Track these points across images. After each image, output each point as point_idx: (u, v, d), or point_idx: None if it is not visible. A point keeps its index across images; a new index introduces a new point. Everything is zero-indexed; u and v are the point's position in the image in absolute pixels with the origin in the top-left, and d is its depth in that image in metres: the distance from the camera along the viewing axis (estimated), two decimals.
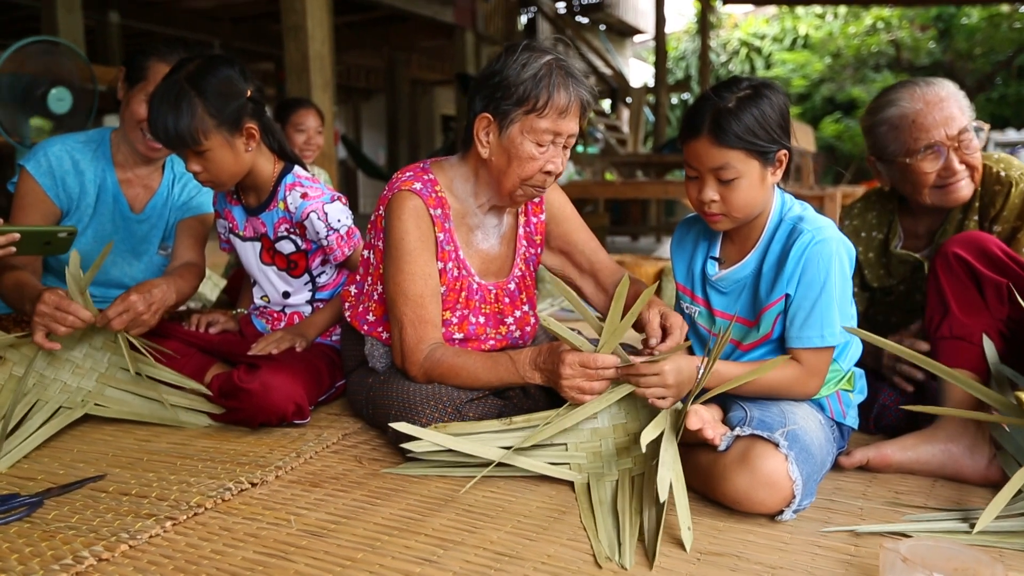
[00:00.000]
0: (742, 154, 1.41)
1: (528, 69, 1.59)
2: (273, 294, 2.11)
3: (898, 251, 1.86)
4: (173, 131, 1.77)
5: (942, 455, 1.52)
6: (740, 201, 1.44)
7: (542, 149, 1.63)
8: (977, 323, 1.55)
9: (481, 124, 1.65)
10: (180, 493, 1.45)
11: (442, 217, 1.72)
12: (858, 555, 1.22)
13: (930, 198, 1.73)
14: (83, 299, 1.74)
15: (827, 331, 1.42)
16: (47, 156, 2.04)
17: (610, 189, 6.64)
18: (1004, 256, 1.55)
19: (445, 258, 1.74)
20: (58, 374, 1.86)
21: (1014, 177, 1.72)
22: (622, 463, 1.50)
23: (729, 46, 17.92)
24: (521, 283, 1.87)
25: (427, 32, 10.89)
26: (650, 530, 1.28)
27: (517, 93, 1.59)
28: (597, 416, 1.54)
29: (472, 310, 1.78)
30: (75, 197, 2.07)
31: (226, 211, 2.11)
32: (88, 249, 2.11)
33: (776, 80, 8.48)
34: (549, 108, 1.59)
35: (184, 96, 1.76)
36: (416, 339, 1.67)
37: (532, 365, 1.55)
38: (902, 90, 1.72)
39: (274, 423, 1.80)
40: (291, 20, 4.50)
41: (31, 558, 1.19)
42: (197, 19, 9.61)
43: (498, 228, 1.84)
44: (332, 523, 1.34)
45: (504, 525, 1.33)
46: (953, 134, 1.67)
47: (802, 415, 1.42)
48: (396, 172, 1.80)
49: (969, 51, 14.39)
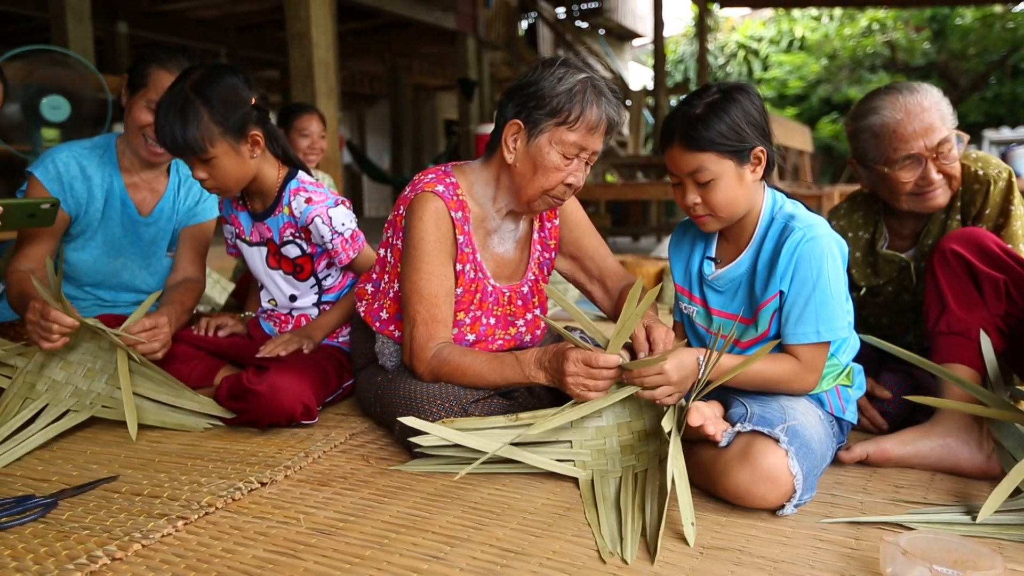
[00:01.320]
0: (714, 156, 1.44)
1: (564, 83, 1.63)
2: (280, 297, 2.14)
3: (884, 251, 1.87)
4: (180, 139, 1.80)
5: (940, 449, 1.54)
6: (721, 201, 1.47)
7: (567, 162, 1.67)
8: (975, 319, 1.57)
9: (511, 130, 1.68)
10: (191, 493, 1.47)
11: (462, 220, 1.75)
12: (859, 548, 1.23)
13: (907, 204, 1.76)
14: (62, 306, 1.76)
15: (822, 327, 1.44)
16: (54, 163, 2.07)
17: (611, 190, 6.67)
18: (1001, 252, 1.57)
19: (464, 260, 1.76)
20: (71, 379, 1.88)
21: (992, 175, 1.74)
22: (626, 460, 1.52)
23: (727, 49, 17.97)
24: (534, 287, 1.90)
25: (429, 38, 10.96)
26: (652, 525, 1.30)
27: (551, 104, 1.63)
28: (601, 415, 1.56)
29: (485, 312, 1.81)
30: (83, 202, 2.10)
31: (232, 216, 2.13)
32: (98, 254, 2.14)
33: (773, 80, 8.37)
34: (580, 123, 1.63)
35: (190, 105, 1.79)
36: (426, 337, 1.70)
37: (537, 365, 1.57)
38: (885, 98, 1.73)
39: (283, 424, 1.83)
40: (296, 28, 4.54)
41: (46, 558, 1.21)
42: (203, 28, 9.68)
43: (514, 233, 1.87)
44: (340, 521, 1.36)
45: (510, 522, 1.35)
46: (932, 145, 1.68)
47: (802, 411, 1.44)
48: (416, 174, 1.83)
49: (963, 51, 14.45)
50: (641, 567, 1.18)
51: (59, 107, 3.07)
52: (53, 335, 1.75)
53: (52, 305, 1.74)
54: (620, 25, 15.11)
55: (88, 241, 2.13)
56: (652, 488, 1.39)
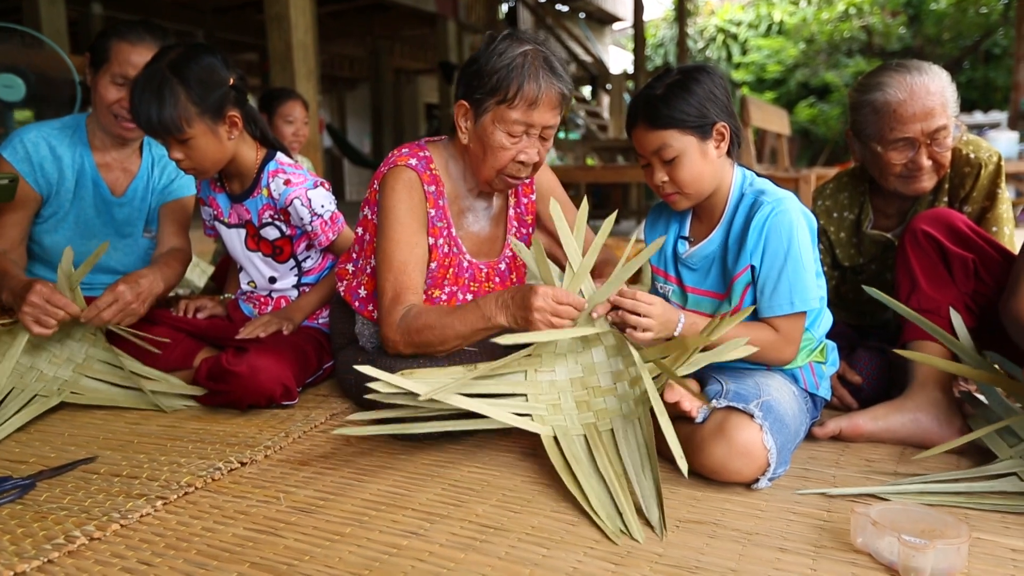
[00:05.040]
0: (676, 132, 1.47)
1: (503, 58, 1.60)
2: (259, 279, 2.13)
3: (870, 231, 1.90)
4: (156, 119, 1.78)
5: (911, 424, 1.57)
6: (687, 177, 1.49)
7: (514, 140, 1.64)
8: (945, 297, 1.60)
9: (460, 111, 1.68)
10: (170, 473, 1.47)
11: (436, 194, 1.75)
12: (831, 520, 1.26)
13: (893, 184, 1.77)
14: (72, 294, 1.76)
15: (796, 297, 1.46)
16: (23, 143, 2.04)
17: (591, 174, 6.69)
18: (970, 232, 1.60)
19: (436, 234, 1.76)
20: (35, 362, 1.88)
21: (983, 159, 1.76)
22: (585, 417, 1.50)
23: (706, 33, 17.97)
24: (512, 264, 1.90)
25: (410, 21, 10.87)
26: (646, 496, 1.29)
27: (490, 82, 1.60)
28: (555, 370, 1.55)
29: (461, 288, 1.81)
30: (54, 182, 2.07)
31: (210, 198, 2.12)
32: (70, 234, 2.11)
33: (752, 64, 8.36)
34: (519, 99, 1.60)
35: (167, 84, 1.77)
36: (394, 302, 1.67)
37: (497, 305, 1.53)
38: (894, 75, 1.70)
39: (263, 405, 1.83)
40: (274, 9, 4.48)
41: (23, 539, 1.21)
42: (180, 9, 9.52)
43: (488, 210, 1.86)
44: (320, 500, 1.36)
45: (489, 499, 1.36)
46: (929, 131, 1.68)
47: (776, 387, 1.46)
48: (392, 151, 1.82)
49: (938, 36, 14.57)
50: (616, 543, 1.20)
51: (12, 86, 3.00)
52: (52, 321, 1.73)
53: (64, 293, 1.73)
54: (600, 9, 15.05)
55: (60, 222, 2.11)
56: (629, 451, 1.39)
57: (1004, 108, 10.88)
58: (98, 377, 1.91)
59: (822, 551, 1.16)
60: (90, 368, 1.92)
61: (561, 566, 1.12)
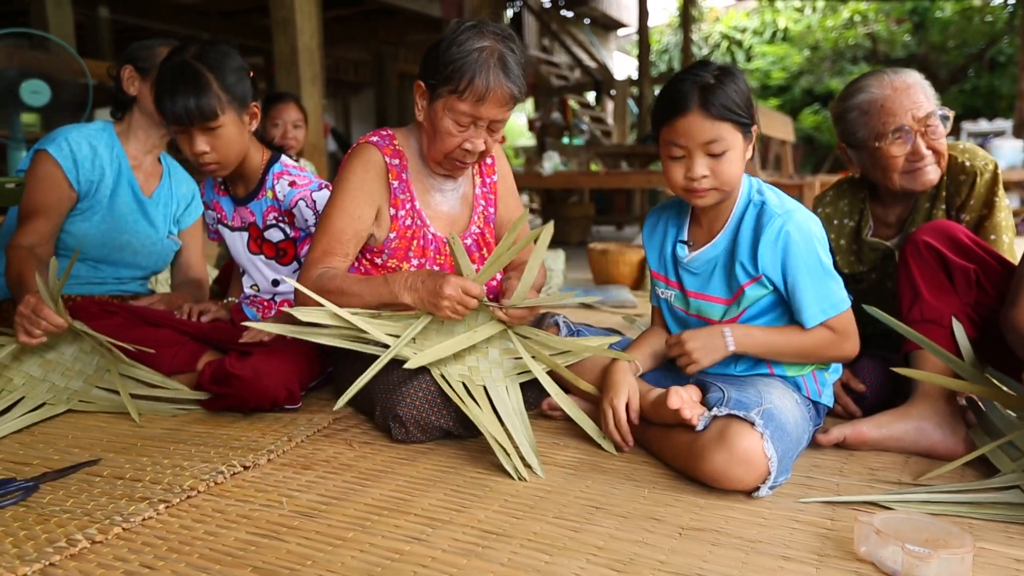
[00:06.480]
0: (730, 126, 1.45)
1: (461, 50, 1.63)
2: (262, 282, 2.14)
3: (869, 239, 1.90)
4: (195, 106, 1.81)
5: (915, 432, 1.57)
6: (729, 174, 1.48)
7: (461, 128, 1.70)
8: (947, 306, 1.60)
9: (417, 91, 1.73)
10: (173, 477, 1.47)
11: (400, 167, 1.80)
12: (834, 528, 1.26)
13: (899, 182, 1.77)
14: (55, 307, 1.74)
15: (837, 297, 1.50)
16: (68, 141, 2.06)
17: (595, 179, 6.68)
18: (971, 243, 1.60)
19: (398, 205, 1.80)
20: (48, 376, 1.88)
21: (979, 166, 1.76)
22: (459, 369, 1.67)
23: (711, 39, 17.99)
24: (480, 239, 1.93)
25: (415, 26, 10.89)
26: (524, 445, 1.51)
27: (445, 71, 1.64)
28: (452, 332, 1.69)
29: (429, 260, 1.84)
30: (95, 182, 2.11)
31: (215, 202, 2.13)
32: (106, 228, 2.15)
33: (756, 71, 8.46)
34: (468, 92, 1.64)
35: (199, 74, 1.82)
36: (318, 260, 1.75)
37: (406, 285, 1.63)
38: (871, 78, 1.77)
39: (266, 408, 1.83)
40: (280, 14, 4.50)
41: (26, 541, 1.21)
42: (186, 13, 9.55)
43: (456, 191, 1.90)
44: (323, 504, 1.36)
45: (491, 504, 1.36)
46: (920, 117, 1.70)
47: (778, 395, 1.46)
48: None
49: (943, 44, 14.57)
50: (619, 546, 1.20)
51: (39, 92, 3.02)
52: (37, 331, 1.73)
53: (48, 305, 1.73)
54: (605, 14, 15.06)
55: (94, 215, 2.13)
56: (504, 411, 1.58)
57: (1009, 116, 10.86)
58: (108, 388, 1.92)
59: (825, 560, 1.16)
60: (100, 379, 1.92)
61: (563, 572, 1.12)
